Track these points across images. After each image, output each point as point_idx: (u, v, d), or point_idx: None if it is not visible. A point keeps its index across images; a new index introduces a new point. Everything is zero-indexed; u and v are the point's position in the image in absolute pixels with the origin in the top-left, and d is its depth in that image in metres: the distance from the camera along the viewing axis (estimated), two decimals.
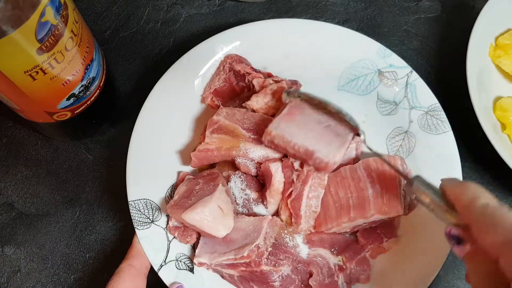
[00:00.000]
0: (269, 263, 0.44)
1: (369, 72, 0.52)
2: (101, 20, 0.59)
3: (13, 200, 0.53)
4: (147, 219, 0.47)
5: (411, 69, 0.51)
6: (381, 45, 0.52)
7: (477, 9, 0.55)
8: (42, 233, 0.52)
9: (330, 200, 0.47)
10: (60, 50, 0.39)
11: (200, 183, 0.47)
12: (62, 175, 0.54)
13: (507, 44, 0.56)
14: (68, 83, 0.42)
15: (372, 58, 0.52)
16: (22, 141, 0.55)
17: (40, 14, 0.35)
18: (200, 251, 0.46)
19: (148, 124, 0.50)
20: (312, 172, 0.46)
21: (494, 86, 0.56)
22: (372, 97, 0.53)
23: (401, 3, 0.61)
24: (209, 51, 0.52)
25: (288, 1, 0.61)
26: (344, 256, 0.48)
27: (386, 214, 0.46)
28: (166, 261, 0.46)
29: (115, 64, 0.58)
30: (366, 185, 0.47)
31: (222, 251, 0.45)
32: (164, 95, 0.50)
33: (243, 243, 0.45)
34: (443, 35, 0.60)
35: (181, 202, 0.45)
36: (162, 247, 0.47)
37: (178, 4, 0.60)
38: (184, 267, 0.47)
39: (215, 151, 0.47)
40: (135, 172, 0.48)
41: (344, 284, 0.47)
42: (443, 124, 0.50)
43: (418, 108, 0.51)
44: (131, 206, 0.47)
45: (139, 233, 0.46)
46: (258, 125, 0.47)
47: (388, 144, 0.52)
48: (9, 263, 0.51)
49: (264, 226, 0.45)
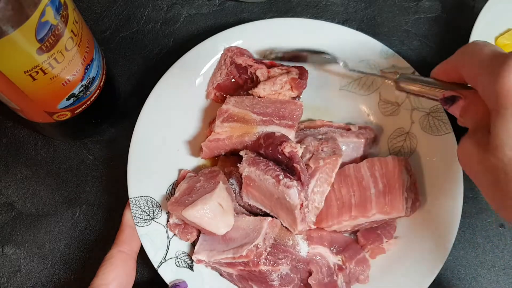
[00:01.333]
0: (267, 263, 0.44)
1: (371, 73, 0.52)
2: (101, 20, 0.59)
3: (13, 200, 0.53)
4: (147, 216, 0.47)
5: (413, 70, 0.51)
6: (384, 45, 0.52)
7: (477, 9, 0.55)
8: (42, 233, 0.52)
9: (332, 197, 0.48)
10: (60, 50, 0.39)
11: (201, 180, 0.47)
12: (62, 175, 0.54)
13: (507, 44, 0.56)
14: (68, 83, 0.42)
15: (375, 58, 0.52)
16: (22, 141, 0.55)
17: (40, 14, 0.35)
18: (199, 248, 0.46)
19: (149, 122, 0.50)
20: (320, 167, 0.46)
21: None
22: (374, 98, 0.53)
23: (401, 3, 0.61)
24: (211, 49, 0.52)
25: (288, 1, 0.61)
26: (344, 255, 0.48)
27: (388, 215, 0.46)
28: (165, 259, 0.46)
29: (115, 64, 0.58)
30: (369, 184, 0.47)
31: (221, 249, 0.45)
32: (165, 93, 0.50)
33: (242, 242, 0.45)
34: (443, 35, 0.60)
35: (181, 199, 0.45)
36: (162, 245, 0.47)
37: (178, 4, 0.60)
38: (184, 264, 0.47)
39: (226, 140, 0.47)
40: (136, 169, 0.48)
41: (344, 284, 0.47)
42: (445, 126, 0.50)
43: (420, 109, 0.51)
44: (132, 203, 0.47)
45: (140, 230, 0.46)
46: (268, 107, 0.48)
47: (390, 144, 0.52)
48: (9, 263, 0.51)
49: (264, 226, 0.45)
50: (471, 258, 0.52)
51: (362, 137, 0.50)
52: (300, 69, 0.49)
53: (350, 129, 0.51)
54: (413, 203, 0.47)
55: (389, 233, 0.48)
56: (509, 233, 0.53)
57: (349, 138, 0.50)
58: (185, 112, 0.52)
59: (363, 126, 0.52)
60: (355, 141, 0.50)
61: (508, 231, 0.53)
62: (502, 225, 0.53)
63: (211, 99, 0.52)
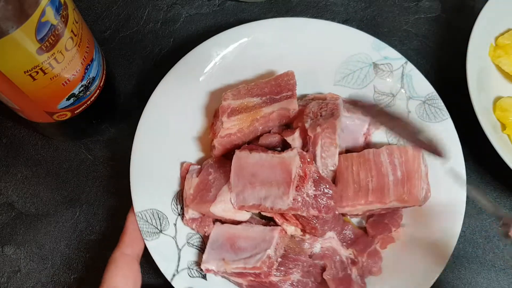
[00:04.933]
0: (278, 274, 0.44)
1: (364, 66, 0.53)
2: (101, 20, 0.59)
3: (13, 200, 0.53)
4: (155, 229, 0.46)
5: (406, 60, 0.52)
6: (375, 38, 0.52)
7: (477, 9, 0.55)
8: (42, 233, 0.52)
9: (349, 179, 0.47)
10: (60, 50, 0.39)
11: (211, 172, 0.47)
12: (62, 175, 0.54)
13: (507, 44, 0.56)
14: (68, 83, 0.42)
15: (367, 52, 0.52)
16: (22, 141, 0.55)
17: (40, 14, 0.35)
18: (207, 257, 0.45)
19: (149, 133, 0.49)
20: (320, 133, 0.46)
21: (494, 86, 0.56)
22: (369, 90, 0.53)
23: (401, 3, 0.61)
24: (213, 49, 0.52)
25: (288, 1, 0.61)
26: (355, 249, 0.48)
27: (405, 203, 0.46)
28: (178, 270, 0.46)
29: (115, 64, 0.58)
30: (387, 171, 0.47)
31: (230, 258, 0.44)
32: (165, 100, 0.50)
33: (253, 253, 0.44)
34: (443, 35, 0.60)
35: (200, 196, 0.45)
36: (173, 256, 0.46)
37: (178, 4, 0.60)
38: (197, 274, 0.46)
39: (238, 133, 0.47)
40: (139, 183, 0.47)
41: (358, 278, 0.47)
42: (441, 112, 0.50)
43: (415, 98, 0.51)
44: (139, 217, 0.46)
45: (149, 243, 0.46)
46: (264, 88, 0.48)
47: (388, 135, 0.52)
48: (9, 263, 0.51)
49: (275, 236, 0.45)
50: (471, 258, 0.52)
51: (368, 115, 0.50)
52: None
53: (357, 104, 0.50)
54: (425, 193, 0.47)
55: (396, 221, 0.48)
56: None
57: (355, 114, 0.50)
58: (185, 120, 0.51)
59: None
60: (360, 118, 0.50)
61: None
62: (502, 225, 0.53)
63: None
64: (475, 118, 0.50)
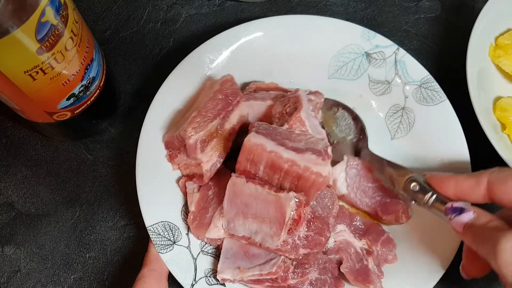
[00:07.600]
0: (295, 276, 0.44)
1: (357, 56, 0.53)
2: (101, 20, 0.59)
3: (13, 200, 0.53)
4: (168, 241, 0.46)
5: (398, 46, 0.52)
6: (364, 28, 0.52)
7: (477, 9, 0.55)
8: (42, 233, 0.52)
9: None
10: (60, 50, 0.39)
11: (211, 186, 0.47)
12: (62, 175, 0.54)
13: (507, 44, 0.56)
14: (68, 83, 0.42)
15: (357, 42, 0.53)
16: (22, 141, 0.55)
17: (40, 14, 0.35)
18: (222, 267, 0.45)
19: (151, 143, 0.48)
20: (299, 101, 0.46)
21: (494, 86, 0.56)
22: (364, 80, 0.53)
23: (401, 3, 0.61)
24: (214, 49, 0.52)
25: (288, 1, 0.61)
26: (368, 239, 0.48)
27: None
28: (196, 280, 0.45)
29: (115, 64, 0.58)
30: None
31: (245, 266, 0.44)
32: (167, 105, 0.50)
33: (267, 258, 0.44)
34: (443, 35, 0.60)
35: (200, 215, 0.45)
36: (189, 267, 0.46)
37: (178, 4, 0.60)
38: (215, 281, 0.46)
39: (220, 158, 0.47)
40: (147, 196, 0.47)
41: (375, 267, 0.46)
42: (438, 95, 0.51)
43: (411, 83, 0.52)
44: (150, 232, 0.46)
45: (164, 256, 0.45)
46: (217, 105, 0.47)
47: (388, 122, 0.53)
48: (9, 263, 0.51)
49: None
50: None
51: (268, 99, 0.48)
52: None
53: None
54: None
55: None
56: None
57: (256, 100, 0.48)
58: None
59: (313, 92, 0.49)
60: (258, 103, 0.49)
61: None
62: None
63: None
64: (475, 118, 0.50)
